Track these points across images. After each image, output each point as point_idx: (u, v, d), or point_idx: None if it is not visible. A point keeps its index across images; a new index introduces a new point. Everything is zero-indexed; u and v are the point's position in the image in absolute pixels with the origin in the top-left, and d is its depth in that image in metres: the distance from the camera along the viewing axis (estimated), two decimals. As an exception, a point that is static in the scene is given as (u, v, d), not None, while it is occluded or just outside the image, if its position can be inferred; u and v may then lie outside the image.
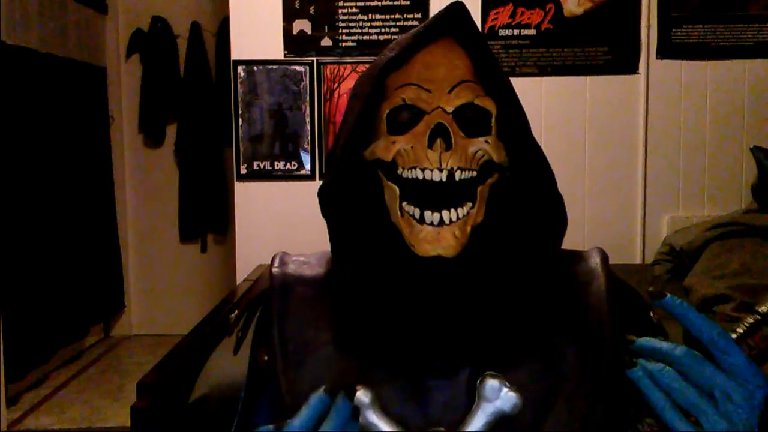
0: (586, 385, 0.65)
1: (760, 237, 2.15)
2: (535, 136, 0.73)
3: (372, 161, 0.71)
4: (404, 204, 0.69)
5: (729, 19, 2.84)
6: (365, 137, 0.71)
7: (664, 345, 0.53)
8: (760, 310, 0.53)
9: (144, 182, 4.47)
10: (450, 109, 0.69)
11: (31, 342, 3.32)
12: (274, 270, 0.77)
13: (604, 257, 0.75)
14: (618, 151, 2.88)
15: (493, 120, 0.70)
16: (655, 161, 2.87)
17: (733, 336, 0.52)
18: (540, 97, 2.85)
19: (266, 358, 0.71)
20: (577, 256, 0.76)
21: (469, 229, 0.68)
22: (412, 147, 0.68)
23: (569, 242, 0.78)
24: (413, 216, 0.68)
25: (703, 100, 2.87)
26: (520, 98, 0.73)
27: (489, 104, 0.70)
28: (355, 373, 0.67)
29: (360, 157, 0.71)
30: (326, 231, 0.77)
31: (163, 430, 1.19)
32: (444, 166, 0.66)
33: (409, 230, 0.68)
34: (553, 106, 2.86)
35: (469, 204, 0.68)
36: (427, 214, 0.67)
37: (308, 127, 2.86)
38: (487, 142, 0.69)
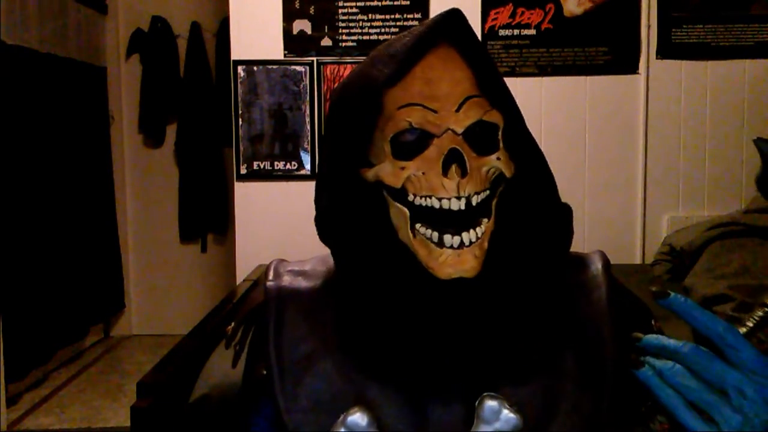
0: (587, 397, 0.65)
1: (760, 237, 2.15)
2: (535, 137, 0.72)
3: (375, 182, 0.67)
4: (418, 226, 0.65)
5: (729, 19, 2.84)
6: (362, 155, 0.68)
7: (671, 342, 0.52)
8: None
9: (144, 182, 4.47)
10: (460, 130, 0.65)
11: (31, 342, 3.32)
12: (269, 284, 0.74)
13: (606, 263, 0.73)
14: (618, 151, 2.88)
15: (500, 133, 0.68)
16: (655, 161, 2.87)
17: (743, 330, 0.52)
18: (540, 97, 2.85)
19: (264, 372, 0.69)
20: (578, 262, 0.74)
21: (486, 244, 0.65)
22: (423, 173, 0.64)
23: (569, 242, 0.78)
24: (431, 239, 0.65)
25: (703, 100, 2.87)
26: (520, 98, 0.72)
27: (497, 118, 0.67)
28: (353, 392, 0.65)
29: (357, 175, 0.68)
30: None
31: (163, 430, 1.19)
32: (462, 194, 0.63)
33: (426, 253, 0.65)
34: (553, 106, 2.85)
35: (486, 220, 0.66)
36: (447, 237, 0.64)
37: (308, 127, 2.86)
38: (498, 158, 0.66)
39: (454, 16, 0.66)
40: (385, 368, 0.65)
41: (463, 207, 0.64)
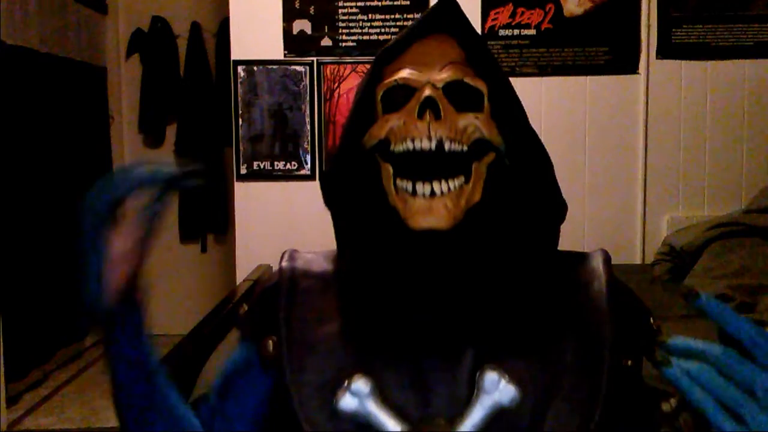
0: (584, 383, 0.66)
1: (760, 237, 2.15)
2: (535, 137, 0.74)
3: (370, 148, 0.72)
4: (398, 180, 0.70)
5: (729, 19, 2.84)
6: (364, 126, 0.74)
7: (699, 344, 0.53)
8: None
9: (144, 182, 4.46)
10: (440, 84, 0.71)
11: (31, 342, 3.32)
12: (283, 264, 0.78)
13: (607, 258, 0.76)
14: (618, 151, 2.88)
15: (486, 100, 0.72)
16: (655, 161, 2.87)
17: None
18: (540, 97, 2.85)
19: (271, 349, 0.72)
20: (581, 257, 0.77)
21: (463, 203, 0.69)
22: (404, 122, 0.70)
23: (569, 242, 0.78)
24: (406, 190, 0.69)
25: (703, 100, 2.87)
26: (520, 99, 0.75)
27: (480, 84, 0.72)
28: (356, 363, 0.67)
29: (360, 146, 0.74)
30: (326, 231, 0.78)
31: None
32: (433, 135, 0.68)
33: (403, 205, 0.69)
34: (553, 106, 2.86)
35: (462, 177, 0.69)
36: (419, 186, 0.68)
37: (308, 127, 2.86)
38: (477, 118, 0.71)
39: (449, 5, 0.73)
40: (384, 337, 0.68)
41: (433, 147, 0.68)
